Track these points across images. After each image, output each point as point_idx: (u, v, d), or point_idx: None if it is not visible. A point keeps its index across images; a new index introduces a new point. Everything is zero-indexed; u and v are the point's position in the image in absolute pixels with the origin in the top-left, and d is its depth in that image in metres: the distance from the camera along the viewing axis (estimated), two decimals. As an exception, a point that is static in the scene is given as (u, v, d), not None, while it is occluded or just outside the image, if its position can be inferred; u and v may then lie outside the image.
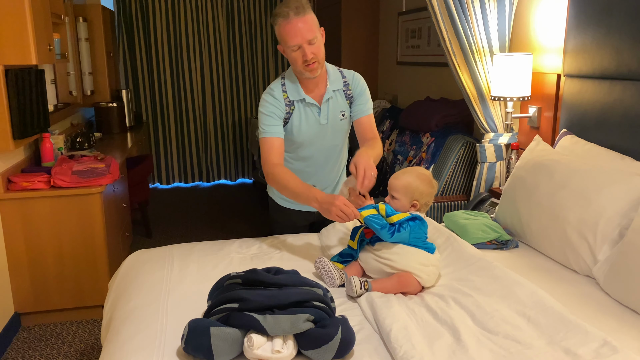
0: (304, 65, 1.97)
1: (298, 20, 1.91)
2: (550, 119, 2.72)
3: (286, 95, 2.07)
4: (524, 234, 2.17)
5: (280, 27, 1.94)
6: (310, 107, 2.09)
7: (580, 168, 2.02)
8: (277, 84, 2.11)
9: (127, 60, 5.74)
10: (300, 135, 2.11)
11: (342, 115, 2.15)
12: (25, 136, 2.76)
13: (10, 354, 2.64)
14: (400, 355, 1.32)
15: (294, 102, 2.08)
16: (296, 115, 2.09)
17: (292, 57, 1.99)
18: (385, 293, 1.67)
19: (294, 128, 2.10)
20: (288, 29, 1.92)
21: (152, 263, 1.97)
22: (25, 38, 2.63)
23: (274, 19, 1.96)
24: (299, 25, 1.91)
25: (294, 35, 1.92)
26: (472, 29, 2.74)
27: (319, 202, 1.84)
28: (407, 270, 1.69)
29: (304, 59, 1.95)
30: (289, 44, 1.95)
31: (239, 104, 6.11)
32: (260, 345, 1.30)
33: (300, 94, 2.07)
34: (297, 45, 1.94)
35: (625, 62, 2.15)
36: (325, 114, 2.10)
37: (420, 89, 4.30)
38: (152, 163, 4.38)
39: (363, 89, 2.17)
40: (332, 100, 2.11)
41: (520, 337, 1.40)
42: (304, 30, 1.92)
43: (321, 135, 2.14)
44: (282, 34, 1.95)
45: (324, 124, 2.11)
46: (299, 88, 2.07)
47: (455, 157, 3.16)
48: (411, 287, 1.69)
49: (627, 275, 1.65)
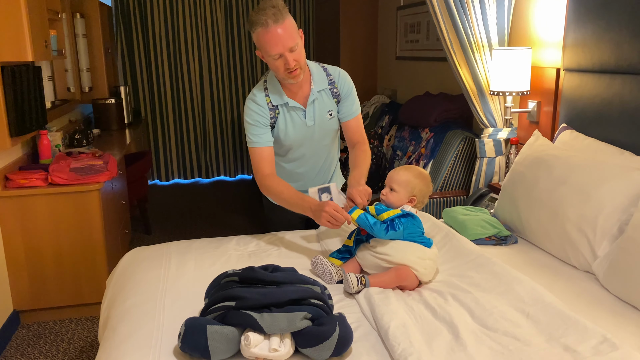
0: (286, 73, 1.91)
1: (277, 27, 1.82)
2: (549, 114, 2.71)
3: (269, 99, 2.02)
4: (523, 230, 2.16)
5: (259, 36, 1.86)
6: (295, 111, 2.05)
7: (579, 163, 2.01)
8: (259, 88, 2.05)
9: (125, 56, 5.71)
10: (288, 139, 2.08)
11: (329, 115, 2.10)
12: (22, 133, 2.75)
13: (9, 351, 2.64)
14: (398, 353, 1.31)
15: (278, 107, 2.03)
16: (281, 119, 2.04)
17: (273, 66, 1.92)
18: (383, 288, 1.66)
19: (280, 132, 2.06)
20: (268, 38, 1.84)
21: (149, 261, 1.96)
22: (21, 34, 2.61)
23: (252, 26, 1.87)
24: (279, 33, 1.83)
25: (274, 44, 1.84)
26: (471, 23, 2.72)
27: (312, 211, 1.85)
28: (404, 264, 1.69)
29: (285, 67, 1.89)
30: (270, 53, 1.87)
31: (237, 100, 6.09)
32: (257, 343, 1.29)
33: (283, 99, 2.02)
34: (279, 54, 1.87)
35: (625, 56, 2.13)
36: (311, 115, 2.06)
37: (419, 84, 4.28)
38: (150, 159, 4.36)
39: (350, 89, 2.12)
40: (318, 100, 2.06)
41: (520, 333, 1.40)
42: (284, 38, 1.84)
43: (309, 136, 2.10)
44: (261, 43, 1.87)
45: (311, 125, 2.07)
46: (281, 92, 2.02)
47: (454, 153, 3.15)
48: (408, 280, 1.69)
49: (627, 271, 1.64)
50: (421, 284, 1.74)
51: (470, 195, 2.89)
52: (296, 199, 1.93)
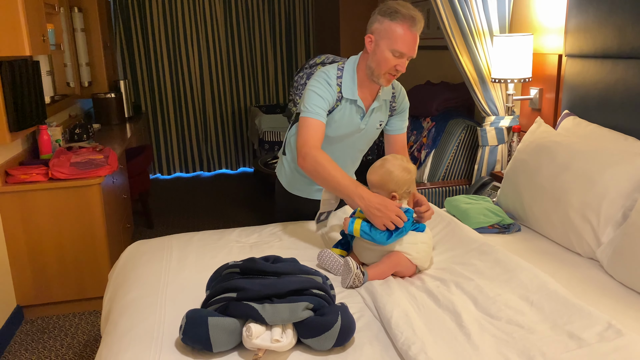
0: (388, 73, 1.87)
1: (417, 32, 1.81)
2: (551, 101, 2.68)
3: (339, 89, 1.96)
4: (526, 218, 2.14)
5: (394, 26, 1.79)
6: (357, 111, 2.00)
7: (582, 149, 1.99)
8: (333, 72, 1.96)
9: (124, 50, 5.69)
10: (336, 132, 2.02)
11: (379, 125, 2.08)
12: (21, 128, 2.74)
13: (13, 346, 2.65)
14: (401, 342, 1.30)
15: (342, 100, 1.97)
16: (339, 112, 1.98)
17: (384, 57, 1.83)
18: (381, 278, 1.66)
19: (333, 123, 1.99)
20: (405, 34, 1.79)
21: (150, 254, 1.95)
22: (17, 28, 2.59)
23: (390, 14, 1.79)
24: (416, 38, 1.81)
25: (408, 43, 1.80)
26: (472, 10, 2.69)
27: (366, 201, 1.69)
28: (396, 250, 1.69)
29: (396, 68, 1.84)
30: (395, 46, 1.80)
31: (238, 93, 6.07)
32: (259, 334, 1.28)
33: (354, 95, 1.96)
34: (401, 53, 1.81)
35: (628, 40, 2.11)
36: (367, 119, 2.02)
37: (420, 73, 4.25)
38: (152, 153, 4.35)
39: (406, 106, 2.12)
40: (378, 108, 2.03)
41: (523, 321, 1.39)
42: (415, 44, 1.82)
43: (354, 138, 2.07)
44: (393, 33, 1.79)
45: (362, 128, 2.04)
46: (354, 88, 1.96)
47: (456, 141, 3.13)
48: (402, 265, 1.68)
49: (631, 257, 1.63)
50: (420, 271, 1.73)
51: (472, 184, 2.87)
52: (348, 180, 1.77)
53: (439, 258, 1.85)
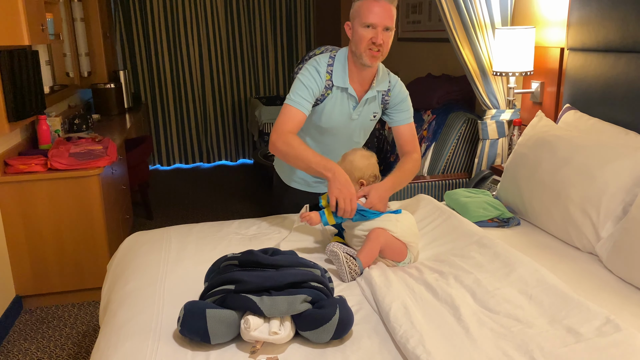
0: (367, 48, 1.86)
1: (385, 2, 1.82)
2: (553, 94, 2.67)
3: (329, 77, 1.95)
4: (526, 212, 2.14)
5: (362, 2, 1.84)
6: (348, 99, 1.98)
7: (583, 144, 1.98)
8: (323, 60, 1.96)
9: (124, 40, 5.66)
10: (327, 122, 2.01)
11: (372, 116, 2.07)
12: (20, 118, 2.73)
13: (12, 336, 2.65)
14: (400, 335, 1.30)
15: (333, 88, 1.96)
16: (330, 101, 1.97)
17: (358, 35, 1.86)
18: (372, 257, 1.69)
19: (323, 114, 1.98)
20: (372, 5, 1.82)
21: (149, 245, 1.95)
22: (16, 18, 2.58)
23: None
24: (383, 6, 1.82)
25: (375, 14, 1.82)
26: (474, 2, 2.67)
27: (335, 174, 1.75)
28: (375, 226, 1.73)
29: (372, 40, 1.84)
30: (364, 20, 1.83)
31: (237, 84, 6.05)
32: (257, 327, 1.28)
33: (345, 83, 1.95)
34: (372, 25, 1.83)
35: (631, 33, 2.09)
36: (360, 110, 2.01)
37: (421, 65, 4.23)
38: (151, 144, 4.34)
39: (405, 97, 2.08)
40: (371, 99, 2.02)
41: (522, 315, 1.39)
42: (385, 14, 1.82)
43: (348, 129, 2.05)
44: (361, 9, 1.84)
45: (355, 119, 2.02)
46: (345, 76, 1.95)
47: (456, 135, 3.12)
48: (384, 237, 1.70)
49: (631, 252, 1.62)
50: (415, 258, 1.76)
51: (472, 178, 2.87)
52: (317, 156, 1.81)
53: (438, 250, 1.85)
